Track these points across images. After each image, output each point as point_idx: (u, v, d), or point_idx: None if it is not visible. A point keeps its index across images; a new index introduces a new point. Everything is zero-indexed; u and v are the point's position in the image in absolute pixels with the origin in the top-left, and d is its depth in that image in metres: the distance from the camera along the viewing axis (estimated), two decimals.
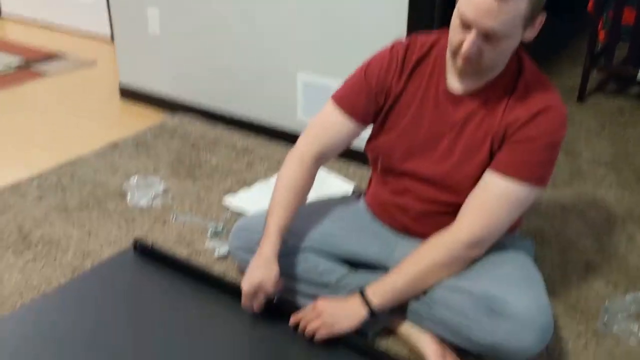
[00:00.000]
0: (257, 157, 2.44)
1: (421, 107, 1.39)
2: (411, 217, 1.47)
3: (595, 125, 2.76)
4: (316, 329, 1.39)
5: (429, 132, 1.39)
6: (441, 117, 1.37)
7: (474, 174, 1.35)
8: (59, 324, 1.50)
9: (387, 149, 1.45)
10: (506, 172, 1.30)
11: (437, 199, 1.42)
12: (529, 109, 1.29)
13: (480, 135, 1.34)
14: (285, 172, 1.49)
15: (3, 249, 1.84)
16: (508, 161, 1.30)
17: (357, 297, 1.38)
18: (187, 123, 2.72)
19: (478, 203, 1.33)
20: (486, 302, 1.27)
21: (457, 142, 1.36)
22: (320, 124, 1.50)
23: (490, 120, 1.33)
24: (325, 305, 1.41)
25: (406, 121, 1.41)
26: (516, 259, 1.39)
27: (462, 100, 1.35)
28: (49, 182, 2.23)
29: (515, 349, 1.25)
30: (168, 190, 2.18)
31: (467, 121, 1.35)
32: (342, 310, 1.39)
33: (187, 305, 1.57)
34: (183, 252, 1.83)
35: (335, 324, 1.38)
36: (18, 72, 3.39)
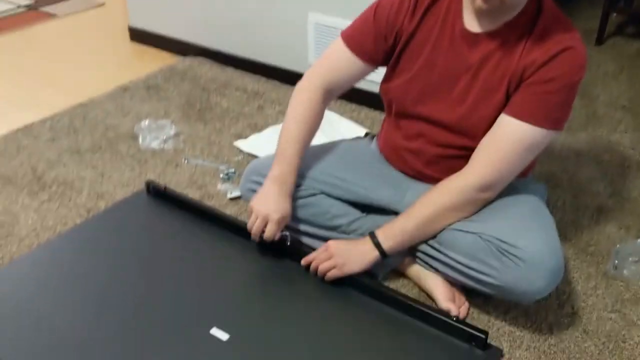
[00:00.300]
0: (268, 100, 2.42)
1: (436, 48, 1.36)
2: (424, 162, 1.46)
3: (613, 69, 2.70)
4: (327, 270, 1.41)
5: (444, 74, 1.36)
6: (456, 58, 1.34)
7: (489, 117, 1.33)
8: (75, 263, 1.53)
9: (400, 92, 1.43)
10: (521, 114, 1.27)
11: (451, 143, 1.40)
12: (547, 50, 1.25)
13: (497, 77, 1.31)
14: (295, 107, 1.49)
15: (18, 190, 1.86)
16: (523, 103, 1.28)
17: (368, 239, 1.39)
18: (198, 66, 2.69)
19: (491, 146, 1.32)
20: (497, 245, 1.28)
21: (473, 85, 1.34)
22: (328, 60, 1.49)
23: (507, 62, 1.30)
24: (337, 247, 1.42)
25: (420, 63, 1.38)
26: (528, 202, 1.39)
27: (479, 41, 1.32)
28: (61, 124, 2.24)
29: (525, 291, 1.27)
30: (179, 134, 2.18)
31: (483, 63, 1.32)
32: (353, 251, 1.41)
33: (200, 246, 1.59)
34: (195, 195, 1.84)
35: (346, 265, 1.40)
36: (27, 13, 3.36)
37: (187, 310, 1.38)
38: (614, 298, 1.48)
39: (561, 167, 1.98)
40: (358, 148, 1.62)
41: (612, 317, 1.42)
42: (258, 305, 1.41)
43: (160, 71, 2.66)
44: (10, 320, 1.35)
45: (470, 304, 1.43)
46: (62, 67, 2.77)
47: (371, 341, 1.32)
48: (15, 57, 2.89)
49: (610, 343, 1.36)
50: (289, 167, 1.44)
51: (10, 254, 1.60)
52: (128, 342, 1.30)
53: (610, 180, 1.92)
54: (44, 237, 1.66)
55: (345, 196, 1.51)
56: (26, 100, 2.47)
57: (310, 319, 1.37)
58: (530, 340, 1.36)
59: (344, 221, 1.51)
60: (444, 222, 1.36)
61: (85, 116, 2.29)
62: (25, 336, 1.31)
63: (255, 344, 1.30)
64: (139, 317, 1.36)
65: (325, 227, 1.52)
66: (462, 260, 1.34)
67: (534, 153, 1.34)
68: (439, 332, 1.33)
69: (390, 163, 1.55)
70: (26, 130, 2.19)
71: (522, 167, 1.34)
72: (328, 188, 1.51)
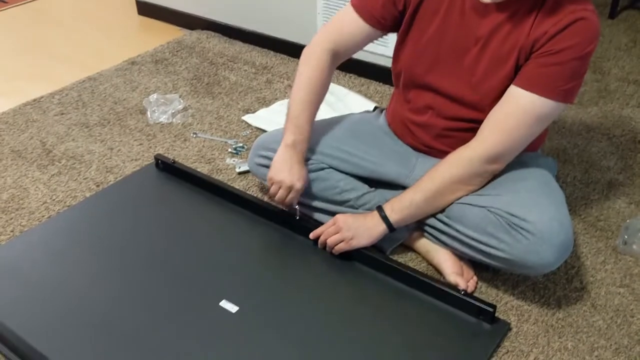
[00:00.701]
0: (277, 74, 2.40)
1: (446, 18, 1.34)
2: (433, 135, 1.46)
3: (626, 42, 2.66)
4: (335, 243, 1.42)
5: (454, 44, 1.35)
6: (467, 29, 1.33)
7: (498, 89, 1.32)
8: (85, 236, 1.54)
9: (410, 61, 1.42)
10: (530, 85, 1.26)
11: (460, 116, 1.39)
12: (559, 21, 1.23)
13: (506, 49, 1.29)
14: (303, 72, 1.48)
15: (28, 164, 1.87)
16: (533, 75, 1.26)
17: (376, 213, 1.40)
18: (206, 39, 2.68)
19: (499, 118, 1.30)
20: (507, 219, 1.28)
21: (482, 56, 1.32)
22: (336, 25, 1.49)
23: (517, 34, 1.28)
24: (345, 221, 1.42)
25: (430, 32, 1.37)
26: (538, 176, 1.38)
27: (489, 12, 1.30)
28: (70, 97, 2.24)
29: (533, 265, 1.27)
30: (187, 108, 2.17)
31: (492, 34, 1.30)
32: (361, 225, 1.41)
33: (209, 220, 1.60)
34: (204, 169, 1.84)
35: (354, 239, 1.40)
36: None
37: (196, 283, 1.39)
38: (623, 273, 1.48)
39: (572, 142, 1.97)
40: (367, 122, 1.61)
41: (620, 292, 1.42)
42: (266, 278, 1.42)
43: (168, 45, 2.64)
44: (21, 290, 1.37)
45: (478, 278, 1.43)
46: (70, 41, 2.76)
47: (379, 315, 1.33)
48: (23, 31, 2.88)
49: (619, 318, 1.36)
50: (302, 135, 1.45)
51: (21, 227, 1.61)
52: (138, 315, 1.31)
53: (620, 155, 1.91)
54: (53, 211, 1.67)
55: (353, 170, 1.51)
56: (35, 74, 2.46)
57: (318, 292, 1.38)
58: (538, 314, 1.36)
59: (353, 196, 1.51)
60: (452, 195, 1.36)
61: (94, 90, 2.29)
62: (36, 306, 1.33)
63: (263, 316, 1.31)
64: (148, 290, 1.38)
65: (334, 201, 1.52)
66: (471, 234, 1.34)
67: (542, 125, 1.32)
68: (447, 306, 1.34)
69: (399, 137, 1.54)
70: (35, 104, 2.19)
71: (530, 139, 1.33)
72: (337, 162, 1.51)
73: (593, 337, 1.31)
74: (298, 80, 1.49)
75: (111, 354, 1.23)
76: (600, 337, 1.31)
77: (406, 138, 1.52)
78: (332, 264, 1.45)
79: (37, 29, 2.89)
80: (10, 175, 1.82)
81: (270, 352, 1.24)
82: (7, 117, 2.11)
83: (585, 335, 1.32)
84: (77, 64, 2.52)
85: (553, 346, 1.29)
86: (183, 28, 2.85)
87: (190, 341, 1.25)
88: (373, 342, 1.26)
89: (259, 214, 1.60)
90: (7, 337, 1.24)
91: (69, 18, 3.01)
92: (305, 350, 1.24)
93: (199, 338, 1.26)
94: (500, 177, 1.37)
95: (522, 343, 1.29)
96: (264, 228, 1.56)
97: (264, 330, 1.28)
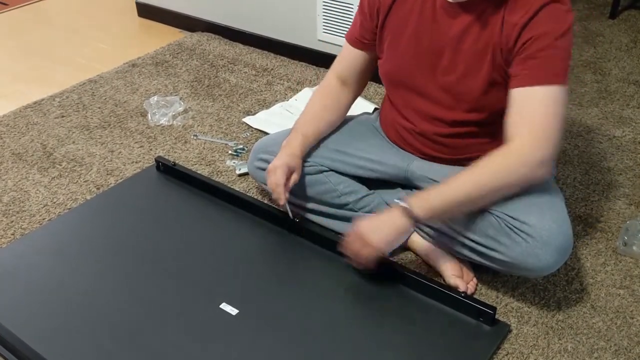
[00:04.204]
0: (277, 76, 2.41)
1: (420, 20, 1.35)
2: (421, 140, 1.45)
3: (627, 42, 2.66)
4: (359, 252, 1.32)
5: (430, 48, 1.35)
6: (439, 31, 1.33)
7: (476, 90, 1.31)
8: (85, 238, 1.55)
9: (391, 67, 1.43)
10: (535, 79, 1.22)
11: (442, 117, 1.39)
12: (526, 11, 1.21)
13: (480, 49, 1.29)
14: (313, 95, 1.56)
15: (29, 166, 1.88)
16: (531, 71, 1.24)
17: (398, 210, 1.28)
18: (206, 41, 2.68)
19: (527, 121, 1.23)
20: (506, 221, 1.28)
21: (457, 57, 1.32)
22: (338, 58, 1.56)
23: (488, 34, 1.27)
24: (365, 224, 1.31)
25: (406, 36, 1.37)
26: None
27: (458, 13, 1.29)
28: (70, 100, 2.24)
29: (533, 267, 1.27)
30: (188, 110, 2.17)
31: (463, 35, 1.30)
32: (382, 225, 1.30)
33: (209, 222, 1.60)
34: (204, 171, 1.85)
35: (378, 242, 1.29)
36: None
37: (197, 286, 1.39)
38: (623, 274, 1.48)
39: (572, 143, 1.97)
40: (364, 124, 1.61)
41: (620, 293, 1.42)
42: (267, 280, 1.42)
43: (169, 47, 2.65)
44: (22, 293, 1.37)
45: (478, 280, 1.44)
46: (70, 43, 2.77)
47: (379, 317, 1.33)
48: (24, 33, 2.89)
49: (619, 319, 1.36)
50: (296, 137, 1.48)
51: (22, 230, 1.61)
52: (138, 318, 1.32)
53: (621, 156, 1.91)
54: (54, 213, 1.67)
55: (352, 171, 1.51)
56: (35, 77, 2.47)
57: (318, 294, 1.38)
58: (538, 316, 1.36)
59: (352, 199, 1.51)
60: (489, 200, 1.27)
61: (94, 93, 2.30)
62: (37, 309, 1.33)
63: (264, 319, 1.31)
64: (149, 293, 1.38)
65: (333, 204, 1.52)
66: (471, 236, 1.34)
67: (564, 112, 1.25)
68: (447, 308, 1.34)
69: (392, 142, 1.54)
70: (36, 107, 2.19)
71: (562, 129, 1.25)
72: (335, 164, 1.51)
73: (593, 338, 1.31)
74: (307, 105, 1.55)
75: (112, 357, 1.23)
76: (600, 338, 1.31)
77: (397, 142, 1.52)
78: (333, 266, 1.45)
79: (37, 31, 2.90)
80: (11, 178, 1.82)
81: (270, 354, 1.24)
82: (8, 120, 2.12)
83: (585, 336, 1.32)
84: (78, 66, 2.53)
85: (553, 348, 1.29)
86: (183, 30, 2.85)
87: (191, 344, 1.25)
88: (373, 344, 1.26)
89: (260, 216, 1.60)
90: (7, 339, 1.24)
91: (69, 20, 3.02)
92: (305, 353, 1.24)
93: (199, 340, 1.26)
94: None
95: (522, 345, 1.29)
96: (264, 230, 1.56)
97: (264, 333, 1.28)
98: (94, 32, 2.88)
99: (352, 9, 2.25)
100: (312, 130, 1.50)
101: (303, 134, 1.49)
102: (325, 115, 1.52)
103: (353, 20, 1.52)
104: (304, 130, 1.49)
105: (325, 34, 2.40)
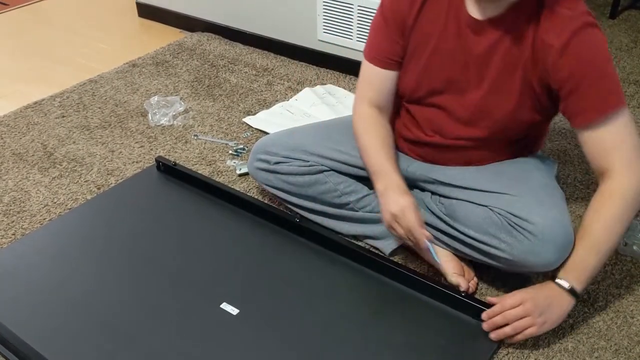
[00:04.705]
0: (277, 76, 2.41)
1: (443, 36, 1.32)
2: (436, 151, 1.45)
3: (627, 42, 2.66)
4: (523, 329, 1.23)
5: (454, 64, 1.33)
6: (464, 48, 1.31)
7: (505, 107, 1.31)
8: (86, 238, 1.55)
9: (412, 84, 1.39)
10: (601, 112, 1.21)
11: (460, 135, 1.38)
12: (561, 32, 1.20)
13: (509, 65, 1.27)
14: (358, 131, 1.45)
15: (29, 166, 1.88)
16: (592, 104, 1.22)
17: (563, 292, 1.23)
18: (206, 42, 2.68)
19: (613, 154, 1.23)
20: (508, 219, 1.28)
21: (483, 75, 1.30)
22: (364, 85, 1.46)
23: (519, 49, 1.26)
24: (536, 303, 1.23)
25: (428, 52, 1.34)
26: (539, 177, 1.38)
27: (484, 29, 1.28)
28: (71, 100, 2.24)
29: (533, 265, 1.27)
30: (188, 110, 2.18)
31: (491, 52, 1.28)
32: (551, 303, 1.24)
33: (210, 222, 1.60)
34: (205, 171, 1.85)
35: (547, 323, 1.24)
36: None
37: (197, 286, 1.40)
38: (623, 274, 1.48)
39: (572, 142, 1.97)
40: None
41: (620, 293, 1.42)
42: (267, 280, 1.42)
43: (169, 47, 2.65)
44: (23, 293, 1.37)
45: (479, 280, 1.44)
46: (70, 43, 2.77)
47: (379, 316, 1.33)
48: (24, 33, 2.89)
49: (619, 319, 1.36)
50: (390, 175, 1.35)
51: (22, 230, 1.62)
52: (139, 318, 1.32)
53: None
54: (55, 214, 1.67)
55: (352, 171, 1.51)
56: (35, 77, 2.47)
57: (318, 294, 1.38)
58: None
59: (353, 198, 1.51)
60: (618, 237, 1.25)
61: (95, 93, 2.30)
62: (38, 309, 1.34)
63: (264, 319, 1.31)
64: (149, 292, 1.38)
65: (333, 204, 1.52)
66: (472, 234, 1.34)
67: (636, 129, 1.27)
68: (448, 307, 1.34)
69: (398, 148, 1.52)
70: (36, 107, 2.19)
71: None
72: (335, 164, 1.51)
73: (593, 338, 1.31)
74: (360, 143, 1.43)
75: (112, 357, 1.23)
76: (600, 338, 1.31)
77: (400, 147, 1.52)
78: (333, 266, 1.45)
79: (38, 32, 2.90)
80: (12, 178, 1.83)
81: (271, 354, 1.24)
82: (9, 120, 2.12)
83: (585, 336, 1.32)
84: (78, 67, 2.53)
85: (553, 347, 1.29)
86: (184, 30, 2.85)
87: (191, 344, 1.26)
88: (373, 343, 1.26)
89: (260, 215, 1.60)
90: (9, 339, 1.25)
91: (69, 20, 3.02)
92: (305, 353, 1.24)
93: (200, 340, 1.26)
94: (502, 177, 1.37)
95: (522, 345, 1.29)
96: (264, 230, 1.57)
97: (264, 333, 1.28)
98: (95, 32, 2.88)
99: (352, 9, 2.26)
100: (393, 164, 1.38)
101: (393, 170, 1.37)
102: (388, 142, 1.42)
103: (371, 40, 1.42)
104: (388, 167, 1.37)
105: (325, 34, 2.40)
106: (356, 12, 2.25)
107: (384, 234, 1.51)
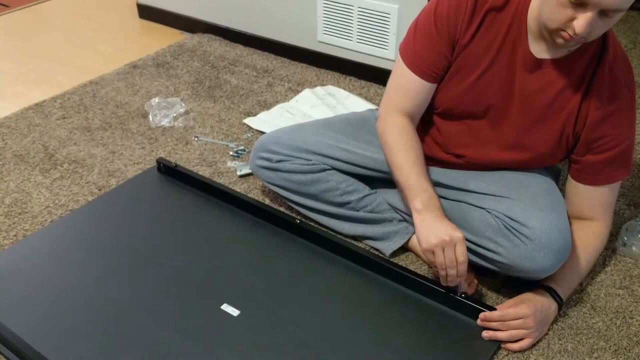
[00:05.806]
0: (277, 77, 2.41)
1: (493, 63, 1.29)
2: (460, 166, 1.45)
3: (626, 43, 2.66)
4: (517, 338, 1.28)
5: (499, 94, 1.31)
6: (512, 82, 1.29)
7: (541, 144, 1.33)
8: (87, 239, 1.55)
9: (449, 103, 1.37)
10: (615, 179, 1.34)
11: (487, 160, 1.39)
12: (610, 98, 1.25)
13: (555, 107, 1.28)
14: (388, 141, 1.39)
15: (30, 168, 1.88)
16: (610, 172, 1.32)
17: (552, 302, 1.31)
18: (207, 43, 2.69)
19: (603, 207, 1.38)
20: (506, 223, 1.28)
21: (528, 112, 1.30)
22: (397, 92, 1.40)
23: (567, 96, 1.26)
24: (536, 318, 1.27)
25: (475, 75, 1.31)
26: (540, 182, 1.38)
27: (541, 67, 1.26)
28: (72, 101, 2.25)
29: (530, 269, 1.27)
30: (189, 111, 2.18)
31: (541, 91, 1.27)
32: (545, 316, 1.30)
33: (211, 223, 1.61)
34: (205, 172, 1.85)
35: (538, 332, 1.29)
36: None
37: (198, 287, 1.40)
38: (623, 275, 1.48)
39: None
40: (368, 122, 1.60)
41: (620, 294, 1.43)
42: (268, 281, 1.43)
43: (170, 48, 2.65)
44: (25, 294, 1.38)
45: (478, 281, 1.44)
46: (71, 45, 2.78)
47: (379, 317, 1.33)
48: (25, 35, 2.90)
49: (618, 319, 1.36)
50: (427, 191, 1.30)
51: (24, 232, 1.62)
52: (140, 319, 1.32)
53: None
54: (56, 215, 1.68)
55: (354, 170, 1.52)
56: (36, 78, 2.48)
57: (318, 295, 1.39)
58: None
59: (354, 197, 1.51)
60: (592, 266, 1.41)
61: (96, 94, 2.30)
62: (40, 310, 1.34)
63: (265, 320, 1.32)
64: (150, 293, 1.38)
65: (335, 203, 1.53)
66: (470, 237, 1.34)
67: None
68: (447, 309, 1.34)
69: None
70: (37, 108, 2.20)
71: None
72: (337, 162, 1.51)
73: (593, 338, 1.32)
74: (389, 153, 1.38)
75: (113, 357, 1.23)
76: (600, 338, 1.32)
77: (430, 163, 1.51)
78: (332, 267, 1.46)
79: (38, 33, 2.90)
80: (13, 180, 1.83)
81: (271, 355, 1.24)
82: (10, 122, 2.12)
83: (584, 337, 1.32)
84: (79, 68, 2.53)
85: (553, 348, 1.29)
86: (184, 31, 2.86)
87: (192, 345, 1.26)
88: (373, 344, 1.27)
89: (260, 216, 1.61)
90: (10, 340, 1.25)
91: (70, 22, 3.03)
92: (306, 353, 1.25)
93: (201, 341, 1.27)
94: (503, 181, 1.38)
95: None
96: (265, 231, 1.57)
97: (265, 334, 1.29)
98: (95, 33, 2.89)
99: (352, 10, 2.26)
100: (428, 179, 1.35)
101: (429, 187, 1.32)
102: (421, 156, 1.37)
103: (416, 45, 1.34)
104: (425, 184, 1.31)
105: (325, 36, 2.41)
106: (356, 13, 2.26)
107: (384, 235, 1.51)
